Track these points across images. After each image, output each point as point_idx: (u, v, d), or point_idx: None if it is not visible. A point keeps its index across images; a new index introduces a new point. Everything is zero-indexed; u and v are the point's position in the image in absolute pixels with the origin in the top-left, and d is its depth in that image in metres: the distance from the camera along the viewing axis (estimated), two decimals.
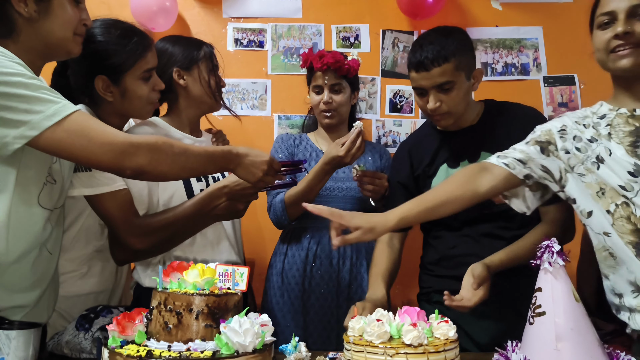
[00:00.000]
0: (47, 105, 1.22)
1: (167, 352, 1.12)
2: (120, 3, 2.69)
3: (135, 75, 1.67)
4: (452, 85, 1.74)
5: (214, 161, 1.49)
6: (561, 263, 1.20)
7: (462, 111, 1.81)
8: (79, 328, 1.43)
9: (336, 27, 2.84)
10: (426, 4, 2.64)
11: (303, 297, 2.04)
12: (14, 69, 1.22)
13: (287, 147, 2.19)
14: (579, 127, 1.51)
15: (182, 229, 1.71)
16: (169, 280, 1.27)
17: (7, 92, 1.19)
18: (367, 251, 2.09)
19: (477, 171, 1.54)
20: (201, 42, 1.95)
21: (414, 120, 2.81)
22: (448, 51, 1.72)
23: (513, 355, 1.20)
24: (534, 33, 2.81)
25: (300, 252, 2.08)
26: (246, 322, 1.16)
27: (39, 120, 1.20)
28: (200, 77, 1.87)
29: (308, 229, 2.10)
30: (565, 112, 2.74)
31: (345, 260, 2.07)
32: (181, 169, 1.43)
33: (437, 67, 1.72)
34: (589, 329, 1.18)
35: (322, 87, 2.16)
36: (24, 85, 1.21)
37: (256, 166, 1.53)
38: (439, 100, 1.75)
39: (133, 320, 1.22)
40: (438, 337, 1.26)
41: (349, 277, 2.05)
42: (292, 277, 2.06)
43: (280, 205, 2.03)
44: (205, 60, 1.90)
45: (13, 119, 1.19)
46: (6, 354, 1.20)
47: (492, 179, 1.51)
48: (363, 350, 1.21)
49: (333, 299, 2.04)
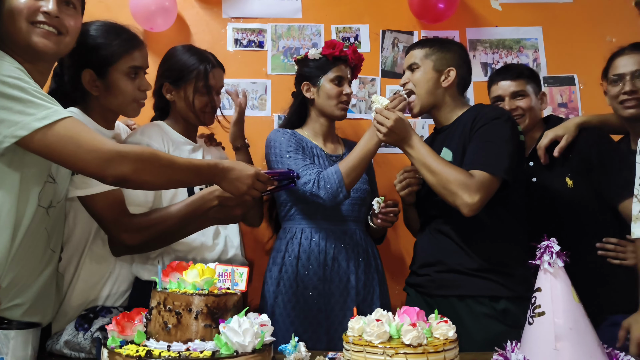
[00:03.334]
0: (39, 108, 1.27)
1: (166, 352, 1.12)
2: (119, 3, 2.69)
3: (120, 70, 1.71)
4: (416, 67, 2.01)
5: (199, 174, 1.54)
6: (560, 264, 1.20)
7: (425, 96, 1.98)
8: (78, 328, 1.44)
9: (336, 27, 2.84)
10: (438, 9, 2.68)
11: (295, 298, 2.03)
12: (14, 73, 1.29)
13: (297, 141, 2.13)
14: None
15: (173, 228, 1.73)
16: (169, 280, 1.27)
17: (4, 93, 1.25)
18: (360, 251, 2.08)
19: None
20: (201, 59, 1.95)
21: (413, 120, 2.81)
22: (426, 43, 2.04)
23: (512, 355, 1.20)
24: (534, 33, 2.81)
25: (294, 253, 2.07)
26: (245, 322, 1.16)
27: (30, 122, 1.26)
28: (185, 96, 1.92)
29: (302, 230, 2.09)
30: (564, 112, 2.75)
31: (337, 261, 2.05)
32: (166, 181, 1.49)
33: (411, 50, 2.07)
34: (588, 329, 1.18)
35: (343, 78, 2.17)
36: (21, 89, 1.27)
37: (241, 180, 1.57)
38: (407, 78, 2.04)
39: (132, 320, 1.22)
40: (437, 337, 1.26)
41: (342, 278, 2.04)
42: (287, 280, 2.05)
43: (336, 177, 1.95)
44: (195, 80, 1.91)
45: (6, 119, 1.25)
46: (5, 353, 1.20)
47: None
48: (362, 350, 1.21)
49: (323, 301, 2.01)
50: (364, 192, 2.15)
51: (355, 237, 2.10)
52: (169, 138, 1.90)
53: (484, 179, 1.72)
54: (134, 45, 1.74)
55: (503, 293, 1.76)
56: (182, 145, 1.94)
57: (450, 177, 1.72)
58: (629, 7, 2.77)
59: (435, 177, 1.76)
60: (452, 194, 1.72)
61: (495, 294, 1.77)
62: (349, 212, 2.11)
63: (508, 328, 1.67)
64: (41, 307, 1.49)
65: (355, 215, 2.12)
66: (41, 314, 1.48)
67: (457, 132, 1.92)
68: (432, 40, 2.07)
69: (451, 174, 1.73)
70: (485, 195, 1.71)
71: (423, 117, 2.80)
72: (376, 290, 2.07)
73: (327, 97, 2.16)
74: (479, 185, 1.71)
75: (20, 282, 1.42)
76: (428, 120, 2.81)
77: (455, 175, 1.72)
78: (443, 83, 1.97)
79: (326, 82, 2.16)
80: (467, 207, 1.70)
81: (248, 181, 1.57)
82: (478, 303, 1.77)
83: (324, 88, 2.16)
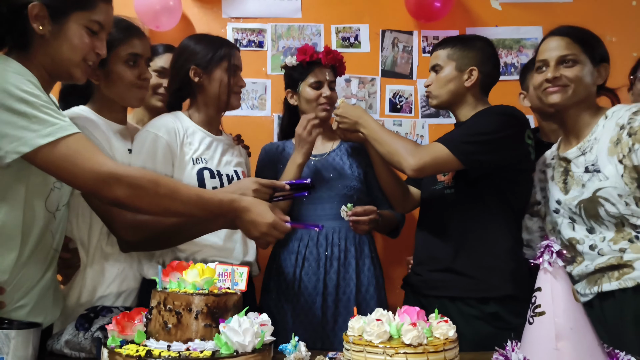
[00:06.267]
0: (44, 124, 1.26)
1: (166, 352, 1.11)
2: (124, 2, 2.68)
3: (119, 57, 1.71)
4: (439, 68, 2.01)
5: (206, 209, 1.45)
6: (560, 263, 1.20)
7: (446, 95, 1.98)
8: (78, 328, 1.43)
9: (336, 27, 2.84)
10: (434, 8, 2.69)
11: (293, 299, 2.05)
12: (25, 86, 1.27)
13: (270, 157, 2.21)
14: None
15: (173, 228, 1.67)
16: (169, 280, 1.27)
17: (12, 107, 1.24)
18: (359, 252, 2.09)
19: None
20: (224, 42, 1.97)
21: (413, 120, 2.81)
22: (449, 43, 2.02)
23: (513, 355, 1.20)
24: (534, 33, 2.81)
25: (290, 255, 2.09)
26: (245, 321, 1.16)
27: (33, 138, 1.25)
28: (216, 77, 1.90)
29: (297, 232, 2.10)
30: None
31: (333, 261, 2.06)
32: (163, 211, 1.43)
33: (435, 51, 2.06)
34: (588, 328, 1.18)
35: (322, 82, 2.18)
36: (28, 103, 1.26)
37: (256, 226, 1.47)
38: (431, 80, 2.05)
39: (132, 319, 1.22)
40: (437, 336, 1.25)
41: (337, 279, 2.05)
42: (282, 281, 2.07)
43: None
44: (225, 61, 1.91)
45: (10, 134, 1.24)
46: (5, 353, 1.20)
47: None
48: (362, 350, 1.21)
49: (319, 301, 2.03)
50: (351, 190, 2.14)
51: (342, 235, 2.09)
52: (184, 127, 1.86)
53: (436, 150, 1.77)
54: (132, 33, 1.74)
55: (492, 294, 1.79)
56: (201, 135, 1.90)
57: (397, 144, 1.83)
58: (629, 7, 2.78)
59: (384, 147, 1.86)
60: (398, 158, 1.80)
61: (484, 295, 1.80)
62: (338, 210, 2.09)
63: (497, 330, 1.69)
64: (44, 307, 1.50)
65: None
66: (44, 314, 1.48)
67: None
68: (454, 39, 2.07)
69: (399, 142, 1.84)
70: (432, 162, 1.77)
71: (423, 116, 2.81)
72: (369, 290, 2.08)
73: (307, 101, 2.19)
74: (427, 152, 1.78)
75: (25, 284, 1.42)
76: (428, 120, 2.82)
77: (402, 143, 1.84)
78: (466, 83, 1.96)
79: (305, 87, 2.20)
80: (409, 167, 1.77)
81: (263, 229, 1.47)
82: (467, 305, 1.81)
83: (303, 93, 2.20)
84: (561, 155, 1.81)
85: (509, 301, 1.78)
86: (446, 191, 1.95)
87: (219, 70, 1.90)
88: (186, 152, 1.82)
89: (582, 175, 1.70)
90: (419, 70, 2.85)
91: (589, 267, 1.67)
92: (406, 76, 2.85)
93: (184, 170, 1.80)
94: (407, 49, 2.84)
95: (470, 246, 1.86)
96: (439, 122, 2.81)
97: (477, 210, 1.87)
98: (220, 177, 1.86)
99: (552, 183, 1.83)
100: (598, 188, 1.64)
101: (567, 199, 1.74)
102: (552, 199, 1.81)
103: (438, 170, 1.88)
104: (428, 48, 2.82)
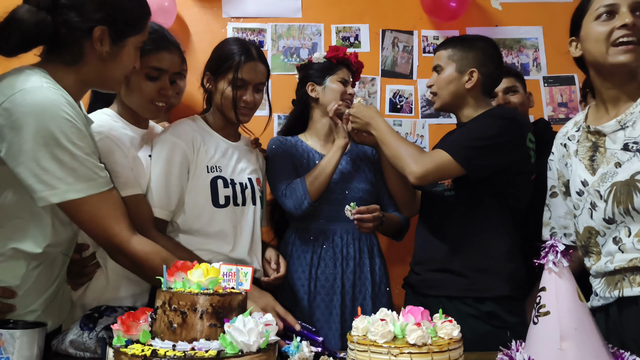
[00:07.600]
0: (79, 179, 1.31)
1: (171, 352, 1.11)
2: None
3: (140, 68, 1.63)
4: (440, 69, 2.01)
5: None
6: (565, 263, 1.20)
7: (447, 97, 1.99)
8: (83, 327, 1.43)
9: (336, 27, 2.84)
10: (449, 7, 2.72)
11: (309, 298, 2.07)
12: (72, 134, 1.30)
13: (286, 148, 2.19)
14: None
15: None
16: (173, 280, 1.27)
17: (54, 154, 1.27)
18: (370, 251, 2.12)
19: None
20: (241, 51, 1.87)
21: (413, 120, 2.82)
22: (450, 43, 2.03)
23: (517, 355, 1.20)
24: (534, 33, 2.82)
25: (305, 254, 2.10)
26: (250, 321, 1.16)
27: (64, 192, 1.30)
28: (220, 88, 1.88)
29: (311, 231, 2.12)
30: (565, 111, 2.76)
31: (349, 261, 2.09)
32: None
33: (437, 51, 2.06)
34: (593, 328, 1.18)
35: (348, 81, 2.24)
36: (71, 154, 1.29)
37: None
38: (433, 81, 2.05)
39: (137, 319, 1.22)
40: (442, 336, 1.25)
41: (353, 278, 2.08)
42: (297, 279, 2.09)
43: (301, 186, 2.02)
44: (230, 72, 1.85)
45: (45, 180, 1.28)
46: (11, 353, 1.20)
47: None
48: (367, 349, 1.21)
49: (338, 300, 2.06)
50: (360, 192, 2.16)
51: (356, 235, 2.12)
52: (201, 134, 1.86)
53: (439, 157, 1.78)
54: (160, 46, 1.71)
55: (488, 294, 1.81)
56: (217, 141, 1.90)
57: (402, 149, 1.83)
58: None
59: (390, 151, 1.87)
60: (402, 163, 1.81)
61: (480, 295, 1.82)
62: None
63: (493, 329, 1.73)
64: (53, 311, 1.50)
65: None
66: (52, 317, 1.49)
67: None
68: (456, 39, 2.07)
69: (404, 147, 1.84)
70: (435, 170, 1.77)
71: (423, 117, 2.82)
72: (381, 288, 2.12)
73: (333, 92, 2.20)
74: (431, 160, 1.78)
75: (35, 289, 1.43)
76: (428, 120, 2.82)
77: (407, 148, 1.83)
78: (467, 84, 1.96)
79: (332, 81, 2.21)
80: (412, 174, 1.77)
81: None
82: (464, 304, 1.84)
83: (331, 86, 2.21)
84: (592, 128, 1.55)
85: (505, 300, 1.80)
86: (446, 193, 1.96)
87: (223, 82, 1.86)
88: (202, 159, 1.82)
89: (618, 153, 1.45)
90: (419, 70, 2.86)
91: (608, 265, 1.47)
92: (406, 76, 2.85)
93: (199, 178, 1.81)
94: (407, 48, 2.85)
95: (469, 248, 1.88)
96: (439, 122, 2.81)
97: (476, 212, 1.88)
98: (234, 186, 1.86)
99: (576, 159, 1.58)
100: (638, 171, 1.41)
101: (595, 180, 1.49)
102: (577, 178, 1.56)
103: (441, 177, 1.87)
104: (428, 48, 2.83)
